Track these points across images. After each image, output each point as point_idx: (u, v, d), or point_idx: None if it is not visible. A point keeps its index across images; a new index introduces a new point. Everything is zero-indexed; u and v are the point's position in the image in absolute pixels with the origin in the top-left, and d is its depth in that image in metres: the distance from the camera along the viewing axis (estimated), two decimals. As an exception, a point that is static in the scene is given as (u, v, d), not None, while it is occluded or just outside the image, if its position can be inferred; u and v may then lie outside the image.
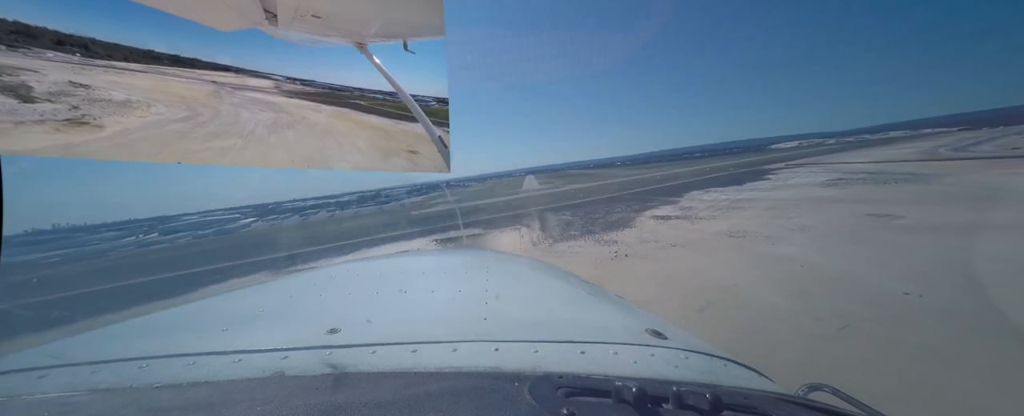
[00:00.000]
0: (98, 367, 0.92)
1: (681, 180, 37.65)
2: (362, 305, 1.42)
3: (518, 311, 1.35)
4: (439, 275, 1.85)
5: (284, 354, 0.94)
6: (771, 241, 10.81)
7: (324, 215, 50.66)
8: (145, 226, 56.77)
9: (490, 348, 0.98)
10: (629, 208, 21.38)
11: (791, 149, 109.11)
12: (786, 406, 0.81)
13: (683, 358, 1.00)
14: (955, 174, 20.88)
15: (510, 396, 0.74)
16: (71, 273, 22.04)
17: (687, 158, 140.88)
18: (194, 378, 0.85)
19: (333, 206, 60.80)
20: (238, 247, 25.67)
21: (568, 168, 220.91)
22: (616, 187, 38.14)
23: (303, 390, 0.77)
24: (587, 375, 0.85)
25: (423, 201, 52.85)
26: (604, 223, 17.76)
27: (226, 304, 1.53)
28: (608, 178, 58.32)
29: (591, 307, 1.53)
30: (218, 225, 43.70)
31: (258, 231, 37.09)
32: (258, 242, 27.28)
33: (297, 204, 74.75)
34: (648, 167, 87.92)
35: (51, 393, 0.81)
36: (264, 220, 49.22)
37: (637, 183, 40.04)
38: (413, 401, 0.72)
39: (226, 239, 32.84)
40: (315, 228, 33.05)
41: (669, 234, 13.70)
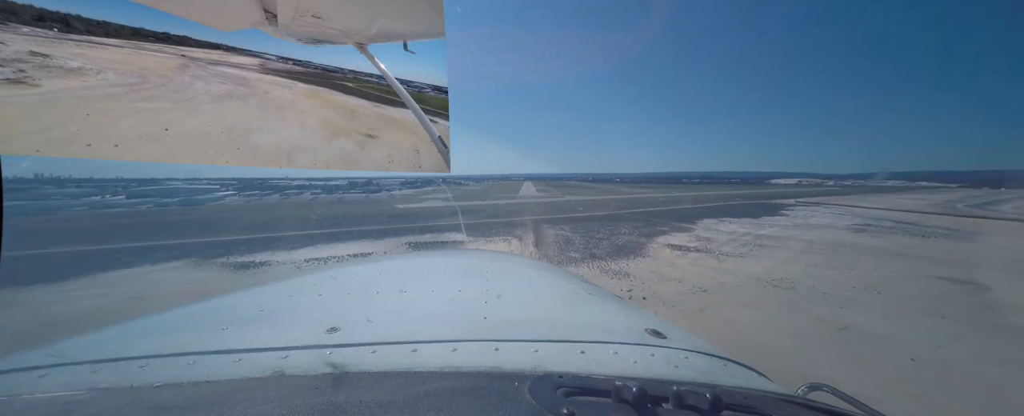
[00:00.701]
0: (98, 366, 0.91)
1: (686, 204, 35.35)
2: (362, 304, 1.43)
3: (518, 311, 1.35)
4: (439, 275, 1.85)
5: (284, 353, 0.94)
6: (834, 302, 8.35)
7: (307, 197, 47.92)
8: (114, 186, 53.07)
9: (490, 348, 0.98)
10: (638, 231, 18.91)
11: (791, 186, 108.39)
12: (786, 406, 0.80)
13: (683, 358, 1.00)
14: (996, 233, 18.82)
15: (510, 396, 0.74)
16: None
17: (685, 183, 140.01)
18: (195, 377, 0.85)
19: (319, 188, 57.77)
20: (190, 223, 22.72)
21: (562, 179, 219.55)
22: (617, 204, 35.73)
23: (303, 389, 0.77)
24: (587, 375, 0.84)
25: (414, 195, 50.14)
26: (611, 246, 15.23)
27: (226, 303, 1.53)
28: (606, 193, 56.07)
29: (591, 307, 1.53)
30: (188, 195, 40.46)
31: (226, 207, 34.00)
32: (215, 219, 24.30)
33: (284, 181, 71.35)
34: (645, 187, 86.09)
35: (51, 392, 0.81)
36: (242, 195, 46.07)
37: (639, 202, 37.72)
38: (413, 400, 0.72)
39: (186, 212, 29.76)
40: (288, 211, 30.14)
41: (694, 272, 11.19)
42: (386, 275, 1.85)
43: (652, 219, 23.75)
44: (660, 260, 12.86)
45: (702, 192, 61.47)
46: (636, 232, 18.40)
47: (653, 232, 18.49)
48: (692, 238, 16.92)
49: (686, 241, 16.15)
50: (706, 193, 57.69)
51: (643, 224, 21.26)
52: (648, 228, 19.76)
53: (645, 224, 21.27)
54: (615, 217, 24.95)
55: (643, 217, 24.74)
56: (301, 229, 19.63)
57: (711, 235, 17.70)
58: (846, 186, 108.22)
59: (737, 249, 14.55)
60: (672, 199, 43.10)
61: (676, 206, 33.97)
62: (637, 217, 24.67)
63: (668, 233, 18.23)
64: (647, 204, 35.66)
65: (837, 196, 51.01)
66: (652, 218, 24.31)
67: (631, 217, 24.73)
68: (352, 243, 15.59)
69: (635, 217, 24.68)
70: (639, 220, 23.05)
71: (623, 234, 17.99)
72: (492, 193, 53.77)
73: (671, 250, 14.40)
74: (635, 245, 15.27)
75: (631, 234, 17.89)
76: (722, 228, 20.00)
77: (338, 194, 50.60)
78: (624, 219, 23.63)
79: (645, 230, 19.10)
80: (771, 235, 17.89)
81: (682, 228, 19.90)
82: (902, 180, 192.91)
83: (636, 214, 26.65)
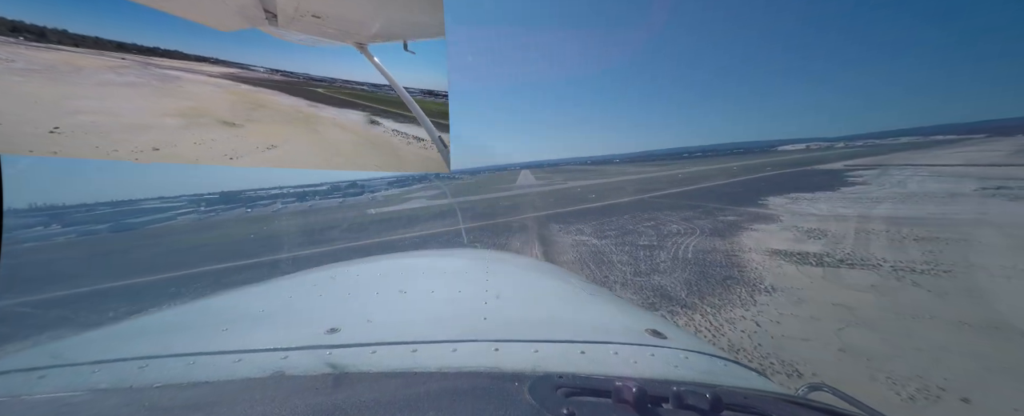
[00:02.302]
0: (98, 367, 0.91)
1: (719, 179, 29.10)
2: (362, 305, 1.42)
3: (518, 311, 1.35)
4: (439, 275, 1.83)
5: (284, 354, 0.94)
6: None
7: (277, 207, 42.09)
8: (44, 215, 46.02)
9: (490, 348, 0.97)
10: (693, 225, 12.74)
11: (806, 152, 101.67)
12: (786, 406, 0.80)
13: (683, 358, 1.01)
14: None
15: (510, 396, 0.73)
16: None
17: (688, 157, 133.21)
18: (195, 378, 0.84)
19: (292, 197, 51.72)
20: (103, 257, 16.81)
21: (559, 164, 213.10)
22: (636, 186, 29.48)
23: (303, 390, 0.77)
24: (587, 375, 0.84)
25: (399, 195, 44.06)
26: (659, 260, 9.08)
27: (227, 304, 1.52)
28: (614, 175, 49.78)
29: (591, 307, 1.52)
30: (126, 218, 34.37)
31: (167, 230, 27.99)
32: (137, 253, 18.31)
33: (257, 193, 65.24)
34: (653, 165, 79.61)
35: (51, 393, 0.80)
36: (198, 213, 40.09)
37: (661, 182, 31.48)
38: (413, 401, 0.72)
39: (112, 241, 23.79)
40: (239, 228, 24.18)
41: (905, 332, 5.06)
42: (386, 275, 1.86)
43: (699, 202, 17.54)
44: (780, 284, 6.77)
45: (720, 165, 55.10)
46: (693, 227, 12.22)
47: (719, 226, 12.29)
48: (792, 232, 10.72)
49: (791, 240, 9.96)
50: (726, 166, 51.32)
51: (694, 212, 15.07)
52: (705, 219, 13.57)
53: (696, 212, 15.07)
54: (646, 205, 18.69)
55: (685, 201, 18.54)
56: (235, 258, 13.64)
57: (815, 224, 11.52)
58: (873, 146, 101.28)
59: (894, 252, 8.39)
60: (697, 175, 36.79)
61: (710, 182, 27.71)
62: (677, 202, 18.47)
63: (742, 225, 12.05)
64: (673, 183, 29.42)
65: (884, 155, 44.61)
66: (698, 201, 18.10)
67: (668, 203, 18.52)
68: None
69: (673, 202, 18.47)
70: (683, 206, 16.84)
71: (678, 234, 11.76)
72: (489, 186, 47.58)
73: (786, 262, 8.26)
74: (712, 254, 9.14)
75: (689, 232, 11.70)
76: (813, 211, 13.78)
77: (310, 201, 44.59)
78: (661, 207, 17.42)
79: (703, 223, 12.88)
80: (905, 218, 11.69)
81: (753, 215, 13.71)
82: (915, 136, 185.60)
83: (671, 197, 20.47)
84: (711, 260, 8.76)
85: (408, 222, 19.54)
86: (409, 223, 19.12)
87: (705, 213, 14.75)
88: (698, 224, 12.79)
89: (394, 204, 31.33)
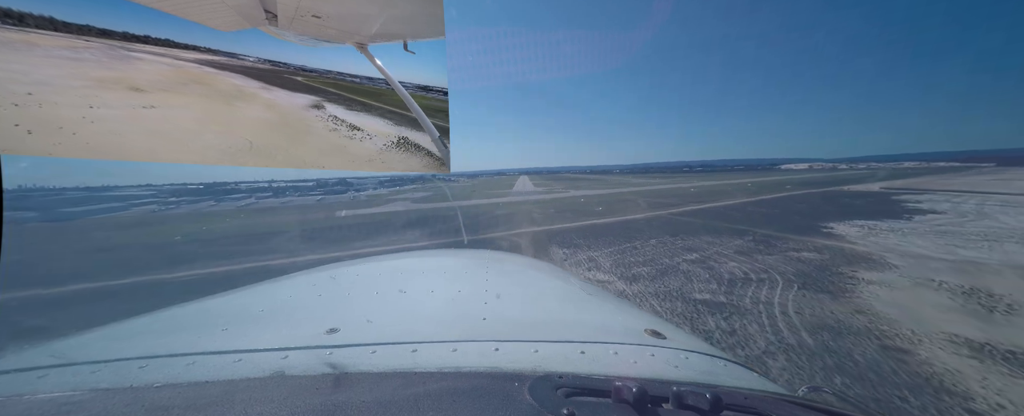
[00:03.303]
0: (98, 366, 0.90)
1: (741, 197, 25.48)
2: (362, 305, 1.40)
3: (518, 311, 1.34)
4: (439, 275, 1.82)
5: (284, 354, 0.93)
6: None
7: (252, 201, 38.25)
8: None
9: (490, 348, 0.97)
10: (747, 257, 8.94)
11: (808, 171, 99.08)
12: (786, 406, 0.79)
13: (683, 358, 1.00)
14: None
15: (510, 396, 0.73)
16: None
17: (690, 172, 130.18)
18: (195, 378, 0.83)
19: (269, 192, 47.55)
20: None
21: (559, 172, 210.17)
22: (648, 200, 25.75)
23: (303, 390, 0.76)
24: (587, 375, 0.84)
25: (384, 195, 40.16)
26: (757, 345, 5.21)
27: (227, 303, 1.51)
28: (616, 185, 46.11)
29: (591, 307, 1.52)
30: (63, 206, 30.26)
31: (97, 225, 23.96)
32: (32, 252, 14.22)
33: (236, 185, 61.06)
34: (657, 177, 76.25)
35: (51, 393, 0.80)
36: (159, 204, 35.93)
37: (673, 196, 27.78)
38: (413, 401, 0.72)
39: (23, 234, 19.79)
40: (188, 226, 20.12)
41: None
42: (386, 275, 1.82)
43: (740, 225, 13.78)
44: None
45: (731, 181, 51.64)
46: (758, 265, 8.40)
47: (802, 266, 8.50)
48: (925, 278, 6.97)
49: (937, 294, 6.19)
50: (738, 182, 47.85)
51: (744, 240, 11.29)
52: (767, 251, 9.78)
53: (747, 240, 11.29)
54: (672, 225, 14.90)
55: (719, 222, 14.79)
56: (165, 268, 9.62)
57: (945, 265, 7.79)
58: (865, 169, 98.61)
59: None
60: (712, 190, 33.15)
61: (732, 199, 24.03)
62: (710, 223, 14.70)
63: (834, 267, 8.25)
64: (690, 198, 25.69)
65: (913, 179, 41.33)
66: (737, 224, 14.32)
67: (699, 223, 14.74)
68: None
69: (705, 222, 14.70)
70: (721, 230, 13.08)
71: (747, 280, 7.94)
72: (483, 191, 43.79)
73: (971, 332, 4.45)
74: (844, 332, 5.32)
75: (760, 275, 7.88)
76: (921, 247, 10.04)
77: (286, 197, 40.65)
78: (693, 229, 13.61)
79: (771, 260, 9.05)
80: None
81: (836, 250, 9.94)
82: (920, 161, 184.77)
83: (697, 216, 16.74)
84: (861, 350, 4.92)
85: (379, 229, 15.68)
86: (380, 231, 15.24)
87: (761, 243, 10.95)
88: (763, 261, 8.98)
89: (374, 206, 27.39)
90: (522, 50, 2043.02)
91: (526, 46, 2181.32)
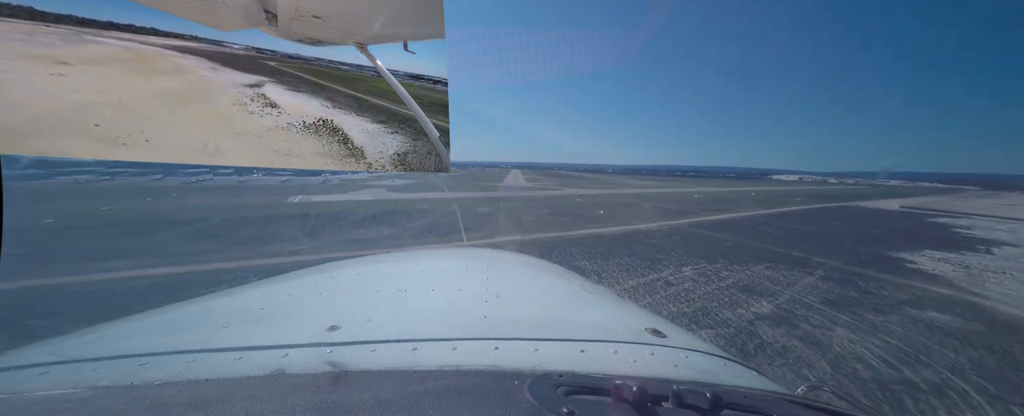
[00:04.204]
0: (99, 364, 0.90)
1: (751, 209, 22.70)
2: (362, 303, 1.41)
3: (518, 309, 1.34)
4: (439, 273, 1.83)
5: (284, 351, 0.93)
6: None
7: (207, 177, 34.49)
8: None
9: (490, 346, 0.97)
10: (809, 297, 5.95)
11: (801, 183, 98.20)
12: (786, 405, 0.79)
13: (683, 357, 0.99)
14: None
15: (510, 394, 0.73)
16: None
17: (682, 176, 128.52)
18: (195, 375, 0.84)
19: (233, 172, 43.30)
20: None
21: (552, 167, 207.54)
22: (652, 204, 22.80)
23: (303, 388, 0.77)
24: (587, 374, 0.84)
25: (362, 180, 36.45)
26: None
27: (227, 301, 1.51)
28: (615, 186, 43.27)
29: (591, 306, 1.52)
30: None
31: None
32: None
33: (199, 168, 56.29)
34: (653, 180, 73.86)
35: (51, 390, 0.80)
36: (92, 174, 31.61)
37: (679, 202, 24.86)
38: (413, 399, 0.72)
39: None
40: (115, 200, 16.34)
41: None
42: (386, 273, 1.83)
43: (770, 245, 10.77)
44: None
45: (732, 189, 49.28)
46: (840, 315, 5.44)
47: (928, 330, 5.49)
48: None
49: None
50: (740, 190, 45.45)
51: (793, 270, 8.27)
52: (841, 285, 6.80)
53: (796, 270, 8.28)
54: (690, 240, 11.80)
55: (746, 238, 11.75)
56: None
57: None
58: (862, 185, 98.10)
59: None
60: (717, 198, 30.42)
61: (744, 211, 21.22)
62: (737, 238, 11.66)
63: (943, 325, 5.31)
64: (697, 206, 22.81)
65: (920, 198, 39.40)
66: (765, 243, 11.33)
67: (723, 239, 11.71)
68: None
69: (730, 238, 11.64)
70: (753, 251, 10.05)
71: (844, 355, 4.83)
72: (472, 183, 40.39)
73: None
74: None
75: (853, 335, 4.83)
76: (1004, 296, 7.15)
77: (250, 175, 36.82)
78: (719, 247, 10.55)
79: (880, 319, 6.04)
80: None
81: (917, 293, 7.00)
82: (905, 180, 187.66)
83: (715, 228, 13.71)
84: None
85: (335, 222, 12.32)
86: (336, 224, 11.88)
87: (847, 284, 7.85)
88: (873, 320, 5.93)
89: (343, 192, 23.82)
90: (518, 50, 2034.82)
91: (522, 47, 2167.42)
